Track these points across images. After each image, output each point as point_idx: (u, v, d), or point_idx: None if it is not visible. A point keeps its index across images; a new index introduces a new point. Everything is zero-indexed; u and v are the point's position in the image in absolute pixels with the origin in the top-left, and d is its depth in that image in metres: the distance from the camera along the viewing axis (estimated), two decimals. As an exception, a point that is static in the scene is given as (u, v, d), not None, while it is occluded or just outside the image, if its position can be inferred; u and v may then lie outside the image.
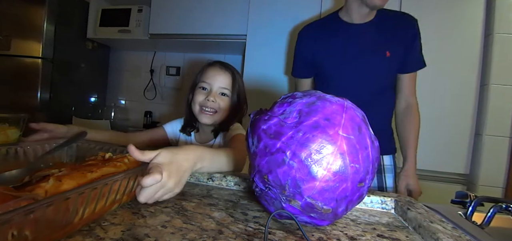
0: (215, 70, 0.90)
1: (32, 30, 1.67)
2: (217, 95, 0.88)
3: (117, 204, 0.40)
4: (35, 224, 0.26)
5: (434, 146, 1.39)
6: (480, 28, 1.35)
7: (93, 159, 0.47)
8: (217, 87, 0.88)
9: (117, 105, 2.30)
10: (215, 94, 0.88)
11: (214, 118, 0.88)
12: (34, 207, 0.25)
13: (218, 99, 0.88)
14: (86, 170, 0.39)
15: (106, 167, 0.42)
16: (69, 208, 0.30)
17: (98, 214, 0.36)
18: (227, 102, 0.90)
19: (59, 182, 0.34)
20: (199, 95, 0.89)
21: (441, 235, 0.37)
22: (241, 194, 0.54)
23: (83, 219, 0.33)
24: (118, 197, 0.39)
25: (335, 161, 0.35)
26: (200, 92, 0.89)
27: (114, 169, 0.42)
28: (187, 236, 0.34)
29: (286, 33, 1.56)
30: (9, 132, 0.64)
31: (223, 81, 0.89)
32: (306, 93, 0.41)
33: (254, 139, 0.40)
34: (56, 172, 0.37)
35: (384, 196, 0.54)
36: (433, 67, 1.40)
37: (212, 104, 0.87)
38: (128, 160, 0.47)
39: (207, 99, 0.87)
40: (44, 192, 0.33)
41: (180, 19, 1.78)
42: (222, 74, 0.89)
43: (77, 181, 0.36)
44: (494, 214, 0.52)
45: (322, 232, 0.40)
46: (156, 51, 2.22)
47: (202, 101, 0.87)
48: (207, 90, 0.89)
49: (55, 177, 0.35)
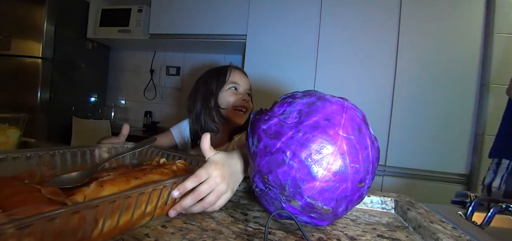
0: (240, 73, 0.93)
1: (32, 30, 1.67)
2: (245, 96, 0.91)
3: (148, 217, 0.36)
4: (54, 233, 0.25)
5: (434, 146, 1.39)
6: (480, 28, 1.35)
7: (148, 164, 0.45)
8: (244, 88, 0.91)
9: (117, 105, 2.30)
10: (244, 94, 0.91)
11: (245, 117, 0.89)
12: (33, 220, 0.23)
13: (247, 99, 0.91)
14: (132, 176, 0.37)
15: (153, 174, 0.39)
16: (84, 220, 0.27)
17: (124, 228, 0.33)
18: (251, 103, 0.94)
19: (101, 187, 0.33)
20: (232, 96, 0.89)
21: (441, 235, 0.37)
22: (241, 194, 0.54)
23: (103, 233, 0.30)
24: (149, 210, 0.36)
25: (335, 161, 0.35)
26: (231, 93, 0.90)
27: (160, 176, 0.40)
28: (187, 236, 0.34)
29: (286, 33, 1.56)
30: (9, 132, 0.64)
31: (247, 83, 0.93)
32: (306, 93, 0.41)
33: (254, 139, 0.40)
34: (105, 176, 0.36)
35: (384, 196, 0.54)
36: (433, 67, 1.40)
37: (245, 103, 0.89)
38: (177, 167, 0.45)
39: (240, 98, 0.89)
40: (83, 197, 0.31)
41: (180, 19, 1.78)
42: (245, 77, 0.94)
43: (119, 187, 0.34)
44: (494, 215, 0.52)
45: (322, 232, 0.40)
46: (156, 51, 2.22)
47: (237, 100, 0.88)
48: (236, 90, 0.91)
49: (98, 182, 0.34)
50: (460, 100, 1.37)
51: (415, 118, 1.41)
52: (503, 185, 0.85)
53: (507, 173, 0.85)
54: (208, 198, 0.41)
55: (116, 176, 0.37)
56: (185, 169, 0.46)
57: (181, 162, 0.47)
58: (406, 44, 1.42)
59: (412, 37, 1.42)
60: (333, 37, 1.51)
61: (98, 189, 0.33)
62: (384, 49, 1.45)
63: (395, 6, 1.43)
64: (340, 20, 1.50)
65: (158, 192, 0.36)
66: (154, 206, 0.36)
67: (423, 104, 1.41)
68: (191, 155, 0.53)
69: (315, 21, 1.53)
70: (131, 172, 0.39)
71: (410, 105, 1.42)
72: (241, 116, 0.89)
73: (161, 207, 0.38)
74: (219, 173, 0.41)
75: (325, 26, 1.52)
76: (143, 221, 0.36)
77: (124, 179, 0.36)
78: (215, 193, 0.41)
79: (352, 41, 1.49)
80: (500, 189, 0.85)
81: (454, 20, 1.37)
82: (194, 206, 0.40)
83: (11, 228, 0.22)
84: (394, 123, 1.43)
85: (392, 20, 1.44)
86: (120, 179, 0.36)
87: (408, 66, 1.42)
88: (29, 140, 0.77)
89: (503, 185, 0.85)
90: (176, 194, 0.38)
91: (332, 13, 1.51)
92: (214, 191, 0.41)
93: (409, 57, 1.42)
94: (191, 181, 0.39)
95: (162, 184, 0.36)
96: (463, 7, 1.37)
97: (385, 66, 1.45)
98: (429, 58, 1.41)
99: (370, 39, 1.46)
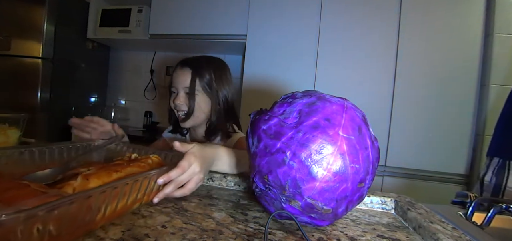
0: (177, 71, 0.85)
1: (32, 30, 1.67)
2: (183, 96, 0.82)
3: (138, 203, 0.41)
4: (59, 220, 0.27)
5: (434, 146, 1.39)
6: (480, 28, 1.35)
7: (120, 160, 0.48)
8: (181, 88, 0.83)
9: (117, 105, 2.30)
10: (182, 96, 0.83)
11: (188, 121, 0.83)
12: (57, 204, 0.26)
13: (184, 100, 0.82)
14: (112, 169, 0.40)
15: (131, 167, 0.43)
16: (91, 206, 0.31)
17: (120, 212, 0.37)
18: (199, 100, 0.82)
19: (87, 180, 0.36)
20: (170, 100, 0.86)
21: (441, 236, 0.37)
22: (241, 194, 0.54)
23: (105, 217, 0.34)
24: (139, 196, 0.40)
25: (335, 162, 0.35)
26: (171, 97, 0.86)
27: (138, 169, 0.44)
28: (187, 236, 0.34)
29: (286, 33, 1.56)
30: (9, 132, 0.64)
31: (184, 81, 0.82)
32: (306, 93, 0.41)
33: (254, 139, 0.40)
34: (85, 171, 0.38)
35: (384, 196, 0.54)
36: (433, 67, 1.40)
37: (180, 106, 0.82)
38: (152, 161, 0.48)
39: (174, 101, 0.83)
40: (72, 190, 0.34)
41: (180, 19, 1.78)
42: (181, 73, 0.83)
43: (103, 180, 0.37)
44: (494, 215, 0.52)
45: (322, 233, 0.40)
46: (156, 51, 2.22)
47: (172, 105, 0.84)
48: (175, 93, 0.85)
49: (83, 175, 0.36)
50: (460, 100, 1.37)
51: (415, 118, 1.41)
52: (493, 177, 0.87)
53: (497, 167, 0.87)
54: (189, 185, 0.46)
55: (97, 170, 0.39)
56: (160, 163, 0.50)
57: (155, 156, 0.51)
58: (406, 44, 1.42)
59: (412, 37, 1.42)
60: (333, 37, 1.51)
61: (84, 182, 0.35)
62: (384, 49, 1.45)
63: (395, 7, 1.43)
64: (340, 20, 1.50)
65: (148, 180, 0.41)
66: (143, 193, 0.41)
67: (423, 104, 1.41)
68: (160, 150, 0.57)
69: (315, 21, 1.53)
70: (110, 166, 0.42)
71: (410, 105, 1.42)
72: (181, 119, 0.84)
73: (148, 194, 0.43)
74: (197, 163, 0.47)
75: (325, 26, 1.52)
76: (134, 206, 0.40)
77: (105, 173, 0.39)
78: (193, 181, 0.47)
79: (352, 41, 1.49)
80: (491, 182, 0.87)
81: (454, 20, 1.37)
82: (176, 192, 0.46)
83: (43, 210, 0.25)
84: (394, 123, 1.43)
85: (392, 20, 1.44)
86: (102, 172, 0.38)
87: (408, 66, 1.42)
88: (29, 140, 0.77)
89: (493, 177, 0.87)
90: (160, 181, 0.43)
91: (332, 13, 1.51)
92: (192, 179, 0.47)
93: (409, 57, 1.42)
94: (175, 171, 0.44)
95: (150, 173, 0.41)
96: (463, 7, 1.37)
97: (385, 66, 1.45)
98: (429, 58, 1.41)
99: (370, 39, 1.46)
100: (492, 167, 0.89)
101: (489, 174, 0.89)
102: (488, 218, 0.52)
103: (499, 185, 0.85)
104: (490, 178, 0.88)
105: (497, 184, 0.86)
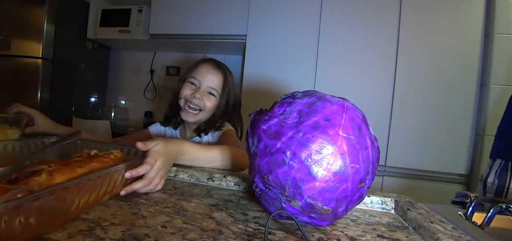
0: (207, 68, 0.86)
1: (32, 30, 1.67)
2: (205, 94, 0.84)
3: (107, 195, 0.43)
4: (39, 211, 0.29)
5: (434, 146, 1.39)
6: (480, 28, 1.35)
7: (79, 156, 0.48)
8: (206, 86, 0.84)
9: (117, 105, 2.30)
10: (203, 92, 0.84)
11: (197, 117, 0.84)
12: (40, 194, 0.28)
13: (205, 98, 0.84)
14: (75, 165, 0.41)
15: (94, 163, 0.44)
16: (67, 197, 0.33)
17: (91, 204, 0.39)
18: (214, 103, 0.86)
19: (51, 176, 0.36)
20: (187, 89, 0.85)
21: (441, 236, 0.37)
22: (241, 194, 0.54)
23: (79, 207, 0.36)
24: (109, 189, 0.42)
25: (335, 162, 0.35)
26: (187, 86, 0.85)
27: (101, 164, 0.45)
28: (187, 236, 0.34)
29: (286, 33, 1.56)
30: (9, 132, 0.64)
31: (213, 81, 0.85)
32: (306, 93, 0.41)
33: (254, 139, 0.40)
34: (46, 168, 0.38)
35: (384, 196, 0.54)
36: (433, 67, 1.40)
37: (198, 101, 0.83)
38: (115, 157, 0.49)
39: (194, 95, 0.83)
40: (38, 186, 0.34)
41: (180, 19, 1.78)
42: (214, 73, 0.86)
43: (68, 175, 0.38)
44: (494, 215, 0.52)
45: (322, 233, 0.40)
46: (156, 51, 2.22)
47: (189, 95, 0.84)
48: (195, 86, 0.85)
49: (47, 172, 0.37)
50: (460, 100, 1.37)
51: (415, 118, 1.41)
52: (496, 179, 0.87)
53: (499, 169, 0.88)
54: (154, 181, 0.48)
55: (59, 167, 0.39)
56: (122, 158, 0.51)
57: (117, 151, 0.52)
58: (406, 44, 1.42)
59: (412, 37, 1.42)
60: (333, 37, 1.51)
61: (50, 178, 0.36)
62: (384, 49, 1.45)
63: (395, 7, 1.43)
64: (340, 20, 1.50)
65: (117, 174, 0.43)
66: (113, 186, 0.43)
67: (423, 104, 1.41)
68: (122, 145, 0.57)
69: (315, 21, 1.53)
70: (72, 163, 0.42)
71: (410, 105, 1.42)
72: (190, 115, 0.84)
73: (117, 187, 0.44)
74: (161, 160, 0.49)
75: (325, 26, 1.52)
76: (104, 199, 0.42)
77: (69, 169, 0.39)
78: (159, 176, 0.49)
79: (352, 41, 1.49)
80: (493, 183, 0.88)
81: (454, 20, 1.38)
82: (143, 188, 0.48)
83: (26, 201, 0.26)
84: (394, 123, 1.43)
85: (392, 20, 1.44)
86: (65, 169, 0.39)
87: (408, 66, 1.42)
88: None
89: (496, 179, 0.87)
90: (128, 175, 0.45)
91: (332, 13, 1.51)
92: (158, 175, 0.49)
93: (409, 57, 1.42)
94: (143, 168, 0.46)
95: (120, 167, 0.43)
96: (463, 7, 1.37)
97: (385, 66, 1.45)
98: (429, 58, 1.41)
99: (370, 39, 1.46)
100: (494, 169, 0.89)
101: (491, 176, 0.89)
102: (488, 218, 0.52)
103: (502, 187, 0.85)
104: (493, 180, 0.88)
105: (500, 185, 0.86)
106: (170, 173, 0.60)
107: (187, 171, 0.59)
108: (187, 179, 0.59)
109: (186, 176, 0.59)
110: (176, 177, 0.60)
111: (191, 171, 0.59)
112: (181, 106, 0.86)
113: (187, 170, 0.60)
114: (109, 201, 0.42)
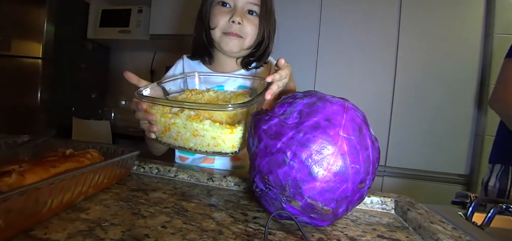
0: None
1: (32, 30, 1.67)
2: (244, 15, 0.65)
3: (83, 196, 0.41)
4: (8, 213, 0.27)
5: (434, 146, 1.39)
6: (480, 28, 1.35)
7: (53, 156, 0.46)
8: (244, 2, 0.65)
9: (117, 106, 2.30)
10: (241, 12, 0.65)
11: (240, 43, 0.67)
12: (9, 195, 0.27)
13: (245, 20, 0.65)
14: (48, 165, 0.39)
15: (69, 162, 0.42)
16: (39, 198, 0.32)
17: (65, 205, 0.38)
18: (257, 23, 0.67)
19: (22, 176, 0.34)
20: (219, 16, 0.65)
21: (441, 236, 0.37)
22: (241, 194, 0.54)
23: (52, 209, 0.35)
24: (84, 190, 0.41)
25: (335, 162, 0.35)
26: (219, 11, 0.66)
27: (77, 164, 0.43)
28: (187, 236, 0.34)
29: (286, 33, 1.56)
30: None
31: None
32: (307, 93, 0.41)
33: (255, 139, 0.40)
34: (17, 168, 0.36)
35: (384, 196, 0.54)
36: (433, 67, 1.40)
37: (239, 28, 0.65)
38: (91, 156, 0.47)
39: (232, 20, 0.64)
40: (7, 187, 0.32)
41: (180, 19, 1.78)
42: None
43: (40, 176, 0.36)
44: (494, 215, 0.52)
45: (322, 233, 0.40)
46: (156, 51, 2.22)
47: (224, 22, 0.65)
48: (229, 6, 0.66)
49: (17, 172, 0.35)
50: (460, 100, 1.37)
51: (415, 118, 1.41)
52: (497, 183, 0.88)
53: (500, 172, 0.88)
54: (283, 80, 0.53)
55: (31, 166, 0.38)
56: (99, 157, 0.49)
57: (94, 151, 0.50)
58: (406, 44, 1.42)
59: (412, 37, 1.42)
60: (333, 37, 1.51)
61: (20, 179, 0.34)
62: (384, 49, 1.45)
63: (395, 6, 1.43)
64: (340, 20, 1.50)
65: (93, 173, 0.41)
66: (88, 186, 0.41)
67: (423, 104, 1.41)
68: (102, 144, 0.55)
69: (315, 21, 1.53)
70: (45, 162, 0.40)
71: (410, 105, 1.42)
72: (227, 43, 0.66)
73: (93, 186, 0.43)
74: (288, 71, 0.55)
75: (325, 26, 1.52)
76: (80, 199, 0.41)
77: (42, 169, 0.38)
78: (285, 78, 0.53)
79: (352, 41, 1.49)
80: (495, 187, 0.88)
81: (454, 20, 1.38)
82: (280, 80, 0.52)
83: None
84: (394, 123, 1.43)
85: (392, 20, 1.44)
86: (38, 169, 0.37)
87: (408, 66, 1.42)
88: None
89: (497, 183, 0.88)
90: (269, 79, 0.50)
91: (332, 13, 1.51)
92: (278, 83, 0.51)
93: (409, 57, 1.42)
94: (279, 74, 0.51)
95: (95, 167, 0.42)
96: (463, 7, 1.37)
97: (385, 66, 1.45)
98: (429, 58, 1.41)
99: (370, 39, 1.46)
100: (495, 173, 0.89)
101: (492, 180, 0.90)
102: (488, 218, 0.52)
103: (504, 190, 0.86)
104: (494, 183, 0.89)
105: (501, 189, 0.86)
106: (170, 173, 0.60)
107: (187, 171, 0.59)
108: (187, 179, 0.59)
109: (186, 176, 0.59)
110: (176, 177, 0.60)
111: (191, 171, 0.59)
112: (217, 38, 0.68)
113: (187, 170, 0.60)
114: (109, 201, 0.42)
